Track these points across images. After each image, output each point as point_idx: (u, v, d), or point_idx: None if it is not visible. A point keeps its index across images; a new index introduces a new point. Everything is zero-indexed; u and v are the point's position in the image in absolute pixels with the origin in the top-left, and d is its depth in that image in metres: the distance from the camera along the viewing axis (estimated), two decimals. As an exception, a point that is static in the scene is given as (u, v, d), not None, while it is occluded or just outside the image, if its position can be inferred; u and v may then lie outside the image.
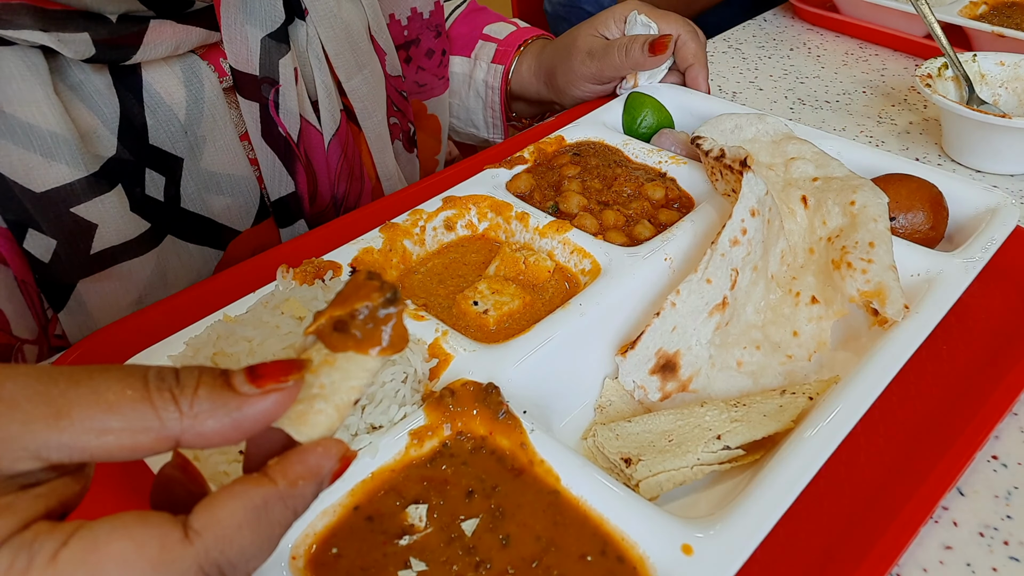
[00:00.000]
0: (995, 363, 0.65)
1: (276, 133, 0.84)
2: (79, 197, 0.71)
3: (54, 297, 0.74)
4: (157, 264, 0.79)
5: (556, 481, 0.53)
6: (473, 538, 0.51)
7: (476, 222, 0.79)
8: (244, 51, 0.79)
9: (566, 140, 0.90)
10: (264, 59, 0.81)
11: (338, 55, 0.89)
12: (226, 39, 0.78)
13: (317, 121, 0.88)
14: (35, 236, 0.71)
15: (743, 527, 0.48)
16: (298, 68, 0.85)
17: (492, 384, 0.58)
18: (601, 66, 1.02)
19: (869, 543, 0.52)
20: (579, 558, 0.49)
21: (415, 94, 1.12)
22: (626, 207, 0.78)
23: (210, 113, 0.79)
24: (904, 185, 0.75)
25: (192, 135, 0.78)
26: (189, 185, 0.80)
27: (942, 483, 0.56)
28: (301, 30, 0.85)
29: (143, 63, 0.74)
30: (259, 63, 0.81)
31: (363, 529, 0.51)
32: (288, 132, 0.85)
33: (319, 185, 0.91)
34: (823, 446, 0.53)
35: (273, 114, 0.83)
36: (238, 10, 0.79)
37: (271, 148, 0.84)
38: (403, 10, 1.04)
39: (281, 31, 0.82)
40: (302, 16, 0.86)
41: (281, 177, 0.86)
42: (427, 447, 0.55)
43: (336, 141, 0.90)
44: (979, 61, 1.06)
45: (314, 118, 0.88)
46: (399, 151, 1.05)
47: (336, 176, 0.92)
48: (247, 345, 0.56)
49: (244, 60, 0.80)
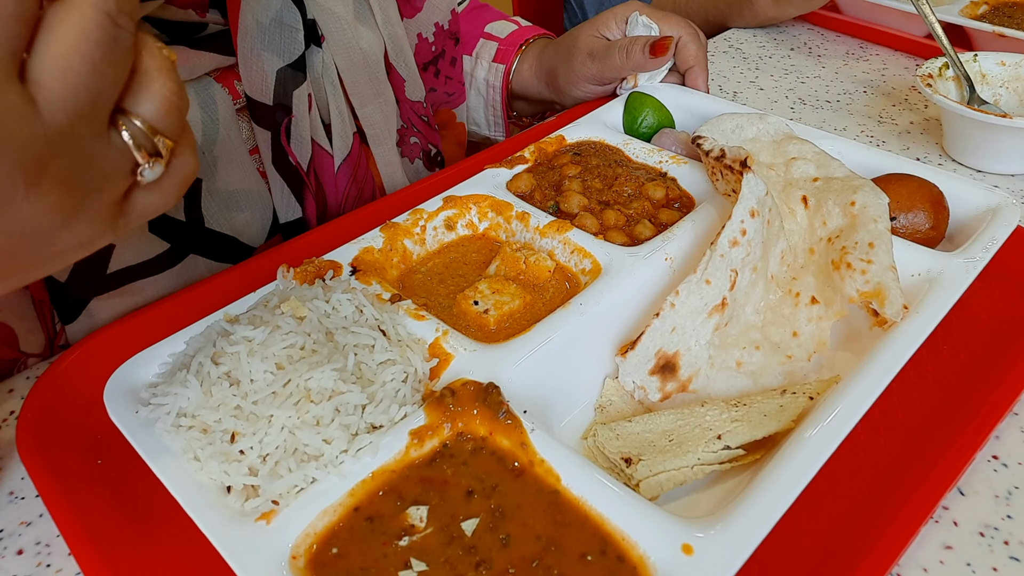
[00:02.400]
0: (996, 363, 0.65)
1: (286, 161, 0.84)
2: None
3: (66, 312, 0.74)
4: (175, 282, 0.79)
5: (556, 481, 0.53)
6: (473, 538, 0.51)
7: (477, 222, 0.79)
8: (260, 80, 0.79)
9: (567, 140, 0.90)
10: (279, 89, 0.81)
11: (353, 83, 0.89)
12: (242, 66, 0.78)
13: (329, 145, 0.88)
14: None
15: (743, 527, 0.48)
16: (312, 94, 0.85)
17: (492, 384, 0.58)
18: (602, 67, 1.02)
19: (869, 543, 0.52)
20: (579, 558, 0.49)
21: (444, 104, 1.13)
22: (627, 207, 0.78)
23: (225, 134, 0.79)
24: (905, 185, 0.75)
25: (209, 155, 0.78)
26: (211, 205, 0.80)
27: (943, 483, 0.56)
28: (317, 57, 0.85)
29: None
30: (274, 92, 0.80)
31: (363, 529, 0.51)
32: (299, 161, 0.85)
33: (329, 208, 0.91)
34: (823, 446, 0.53)
35: (284, 143, 0.83)
36: (255, 38, 0.78)
37: (280, 175, 0.84)
38: (428, 27, 1.05)
39: (299, 60, 0.82)
40: (318, 43, 0.85)
41: (289, 203, 0.86)
42: (427, 447, 0.55)
43: (346, 165, 0.90)
44: (980, 61, 1.06)
45: (326, 142, 0.88)
46: (419, 170, 1.05)
47: (344, 198, 0.92)
48: (247, 345, 0.56)
49: (259, 89, 0.80)
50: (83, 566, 0.53)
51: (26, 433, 0.61)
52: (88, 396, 0.63)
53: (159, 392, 0.57)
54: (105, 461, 0.60)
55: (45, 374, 0.66)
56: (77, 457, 0.60)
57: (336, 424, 0.54)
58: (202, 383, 0.55)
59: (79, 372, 0.66)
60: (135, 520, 0.56)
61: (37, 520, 0.61)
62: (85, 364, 0.67)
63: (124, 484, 0.58)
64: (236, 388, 0.54)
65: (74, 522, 0.55)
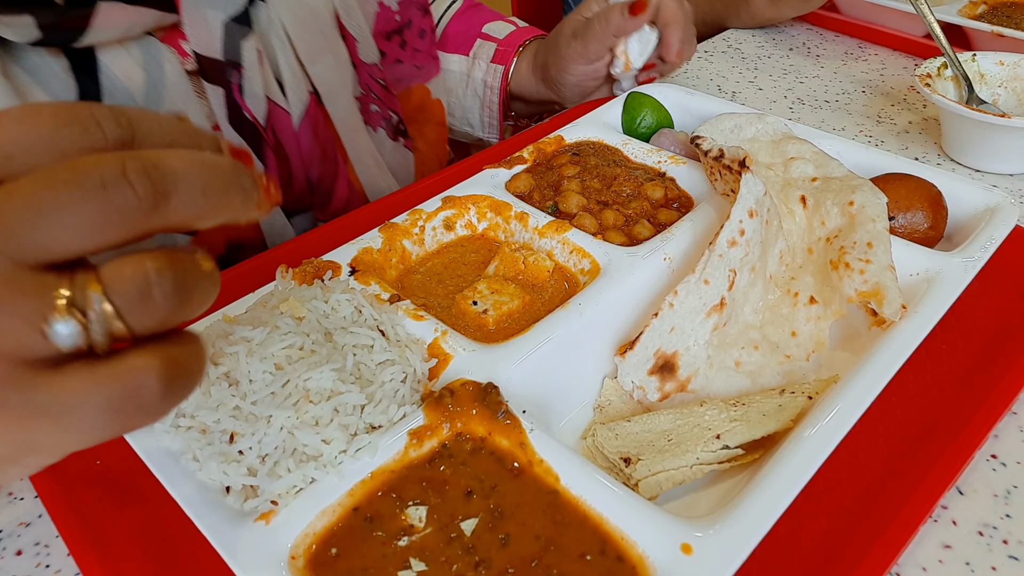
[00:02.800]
0: (994, 362, 0.65)
1: (243, 118, 0.82)
2: None
3: None
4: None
5: (556, 481, 0.53)
6: (472, 538, 0.51)
7: (475, 222, 0.79)
8: (206, 34, 0.78)
9: (565, 140, 0.90)
10: (227, 42, 0.79)
11: (300, 38, 0.87)
12: (186, 22, 0.76)
13: (285, 102, 0.87)
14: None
15: (743, 526, 0.48)
16: (262, 51, 0.83)
17: (491, 384, 0.58)
18: (585, 41, 1.00)
19: (869, 542, 0.52)
20: (578, 557, 0.49)
21: (415, 79, 1.10)
22: (625, 207, 0.78)
23: (172, 97, 0.77)
24: (903, 184, 0.75)
25: None
26: None
27: (941, 482, 0.56)
28: (263, 12, 0.84)
29: (99, 46, 0.73)
30: (222, 47, 0.79)
31: (363, 529, 0.51)
32: (255, 116, 0.83)
33: (292, 168, 0.90)
34: (822, 445, 0.53)
35: (238, 98, 0.81)
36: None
37: (239, 134, 0.82)
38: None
39: (243, 14, 0.80)
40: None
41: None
42: (426, 447, 0.55)
43: (306, 122, 0.89)
44: (979, 61, 1.06)
45: (282, 99, 0.86)
46: (382, 139, 1.03)
47: (308, 157, 0.90)
48: (247, 345, 0.56)
49: (206, 44, 0.78)
50: (82, 566, 0.53)
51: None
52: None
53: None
54: (104, 462, 0.60)
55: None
56: (76, 458, 0.60)
57: (335, 424, 0.54)
58: (201, 383, 0.55)
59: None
60: (134, 520, 0.56)
61: (36, 521, 0.61)
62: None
63: (123, 485, 0.58)
64: (235, 388, 0.54)
65: (73, 522, 0.55)
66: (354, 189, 0.99)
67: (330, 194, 0.97)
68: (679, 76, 1.28)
